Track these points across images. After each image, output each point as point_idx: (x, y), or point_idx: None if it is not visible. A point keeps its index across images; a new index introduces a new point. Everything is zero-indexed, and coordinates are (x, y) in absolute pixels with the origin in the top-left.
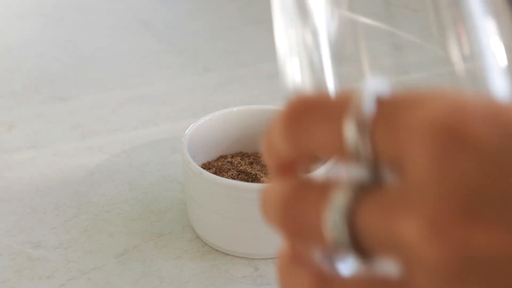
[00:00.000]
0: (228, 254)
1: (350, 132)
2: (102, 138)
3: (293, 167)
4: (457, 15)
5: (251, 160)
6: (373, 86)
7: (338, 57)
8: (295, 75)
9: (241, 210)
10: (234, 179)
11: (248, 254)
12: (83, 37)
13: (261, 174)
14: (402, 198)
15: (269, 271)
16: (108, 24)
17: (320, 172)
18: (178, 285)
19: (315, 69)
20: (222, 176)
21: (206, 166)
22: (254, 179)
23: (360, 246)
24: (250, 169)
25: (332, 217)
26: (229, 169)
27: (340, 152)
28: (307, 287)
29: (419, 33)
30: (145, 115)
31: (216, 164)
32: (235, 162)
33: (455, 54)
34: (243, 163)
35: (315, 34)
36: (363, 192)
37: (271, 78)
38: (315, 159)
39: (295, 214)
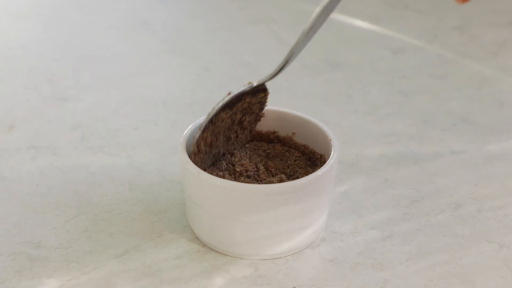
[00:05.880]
0: (228, 255)
1: None
2: (102, 138)
3: None
4: None
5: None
6: None
7: None
8: None
9: (240, 211)
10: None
11: (248, 254)
12: (83, 37)
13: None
14: None
15: (269, 271)
16: (108, 24)
17: None
18: (178, 285)
19: None
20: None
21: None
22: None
23: None
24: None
25: None
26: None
27: None
28: None
29: None
30: (145, 115)
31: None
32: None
33: None
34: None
35: None
36: None
37: None
38: None
39: None
